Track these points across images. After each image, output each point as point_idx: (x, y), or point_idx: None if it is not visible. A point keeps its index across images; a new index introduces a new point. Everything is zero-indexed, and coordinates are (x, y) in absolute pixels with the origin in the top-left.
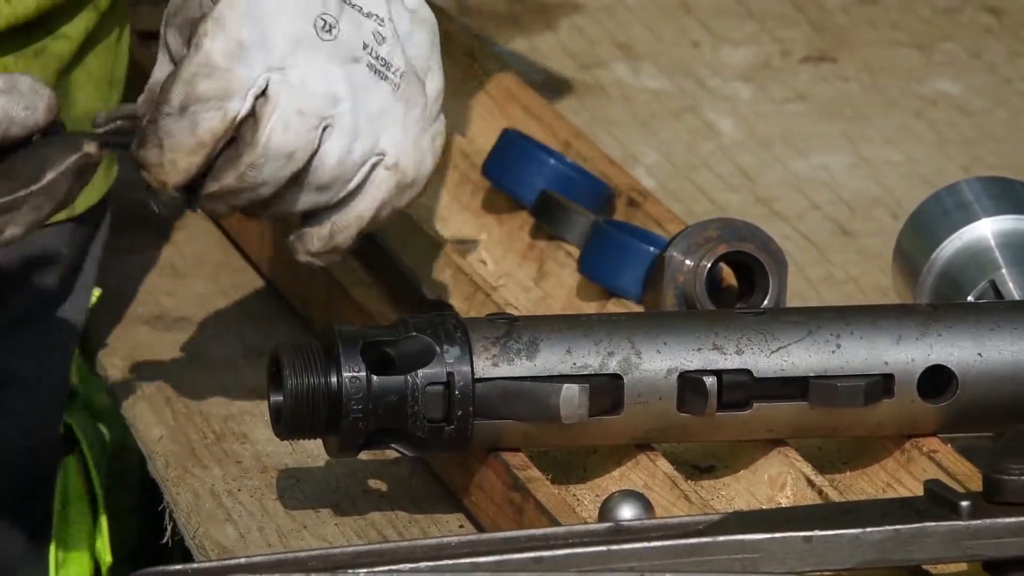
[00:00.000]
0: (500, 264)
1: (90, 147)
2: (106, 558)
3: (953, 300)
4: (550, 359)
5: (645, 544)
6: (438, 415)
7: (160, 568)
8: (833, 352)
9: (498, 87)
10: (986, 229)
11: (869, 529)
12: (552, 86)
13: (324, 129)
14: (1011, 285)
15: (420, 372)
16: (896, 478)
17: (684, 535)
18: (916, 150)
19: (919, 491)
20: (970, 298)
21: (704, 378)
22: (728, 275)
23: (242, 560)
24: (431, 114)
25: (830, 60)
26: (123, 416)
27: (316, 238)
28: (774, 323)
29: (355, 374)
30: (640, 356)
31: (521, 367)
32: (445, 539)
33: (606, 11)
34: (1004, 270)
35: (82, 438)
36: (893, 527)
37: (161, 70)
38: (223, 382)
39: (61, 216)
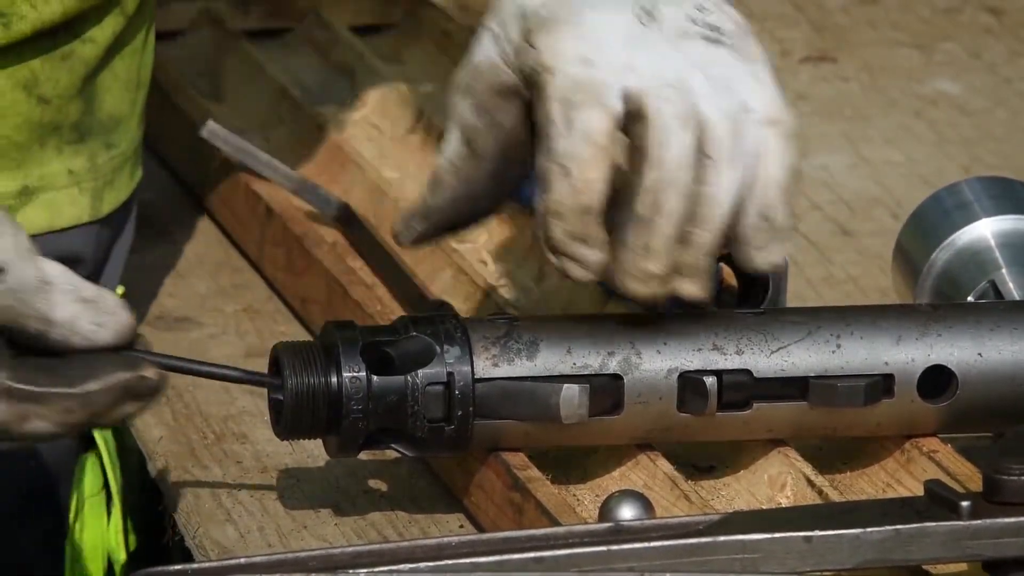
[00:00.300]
0: (500, 264)
1: (149, 371)
2: (120, 556)
3: (953, 300)
4: (550, 359)
5: (645, 544)
6: (438, 415)
7: (160, 568)
8: (833, 352)
9: None
10: (986, 229)
11: (869, 529)
12: None
13: (692, 104)
14: (1011, 285)
15: (420, 372)
16: (896, 478)
17: (684, 535)
18: (916, 150)
19: (919, 491)
20: (970, 298)
21: (704, 378)
22: (728, 275)
23: (242, 560)
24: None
25: (830, 60)
26: None
27: (755, 228)
28: (774, 323)
29: (355, 374)
30: (640, 356)
31: (521, 367)
32: (445, 539)
33: None
34: (1004, 270)
35: (99, 436)
36: (893, 527)
37: (451, 147)
38: (223, 382)
39: (86, 218)
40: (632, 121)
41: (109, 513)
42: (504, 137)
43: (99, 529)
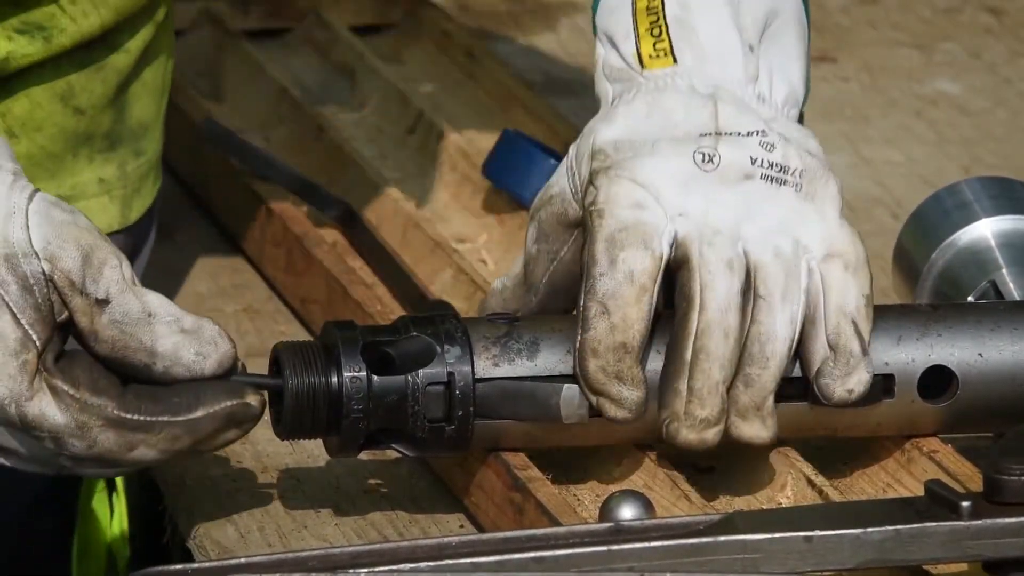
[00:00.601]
0: (500, 264)
1: (252, 399)
2: (124, 551)
3: (953, 300)
4: (551, 359)
5: (645, 544)
6: (438, 415)
7: (160, 568)
8: None
9: (498, 87)
10: (986, 229)
11: (870, 529)
12: (552, 86)
13: (745, 250)
14: (1011, 285)
15: (420, 372)
16: (896, 478)
17: (684, 535)
18: (916, 150)
19: (919, 491)
20: (970, 298)
21: None
22: None
23: (242, 560)
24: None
25: (830, 60)
26: None
27: (825, 358)
28: None
29: (355, 374)
30: None
31: (522, 367)
32: (446, 539)
33: None
34: (1004, 270)
35: None
36: (894, 527)
37: (511, 271)
38: None
39: (116, 226)
40: (678, 266)
41: (112, 509)
42: (557, 267)
43: (104, 525)
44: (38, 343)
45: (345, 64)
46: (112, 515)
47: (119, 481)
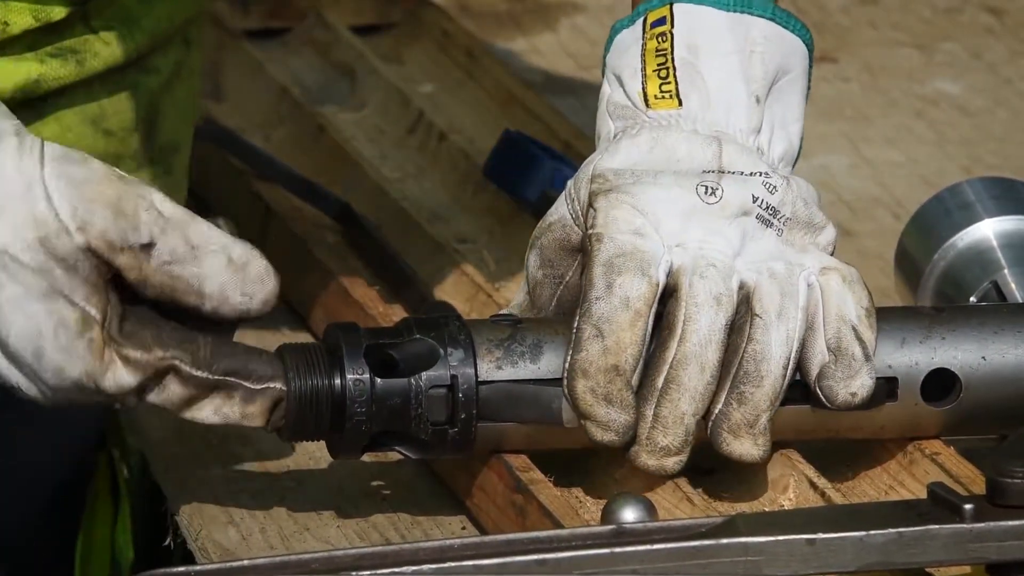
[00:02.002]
0: (502, 265)
1: (259, 419)
2: (128, 553)
3: (955, 301)
4: (554, 362)
5: (648, 547)
6: (441, 417)
7: (162, 570)
8: None
9: (498, 87)
10: (988, 230)
11: (872, 532)
12: (552, 86)
13: (741, 280)
14: (1013, 286)
15: (424, 375)
16: (899, 481)
17: (687, 537)
18: (916, 150)
19: (922, 494)
20: (972, 299)
21: None
22: None
23: (244, 562)
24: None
25: (830, 60)
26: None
27: (827, 363)
28: None
29: (359, 376)
30: None
31: (525, 370)
32: (448, 541)
33: (606, 11)
34: (1006, 271)
35: (109, 436)
36: (896, 530)
37: (515, 300)
38: None
39: None
40: (668, 295)
41: (117, 510)
42: (563, 291)
43: (108, 527)
44: (97, 316)
45: (345, 64)
46: (116, 517)
47: (122, 483)
